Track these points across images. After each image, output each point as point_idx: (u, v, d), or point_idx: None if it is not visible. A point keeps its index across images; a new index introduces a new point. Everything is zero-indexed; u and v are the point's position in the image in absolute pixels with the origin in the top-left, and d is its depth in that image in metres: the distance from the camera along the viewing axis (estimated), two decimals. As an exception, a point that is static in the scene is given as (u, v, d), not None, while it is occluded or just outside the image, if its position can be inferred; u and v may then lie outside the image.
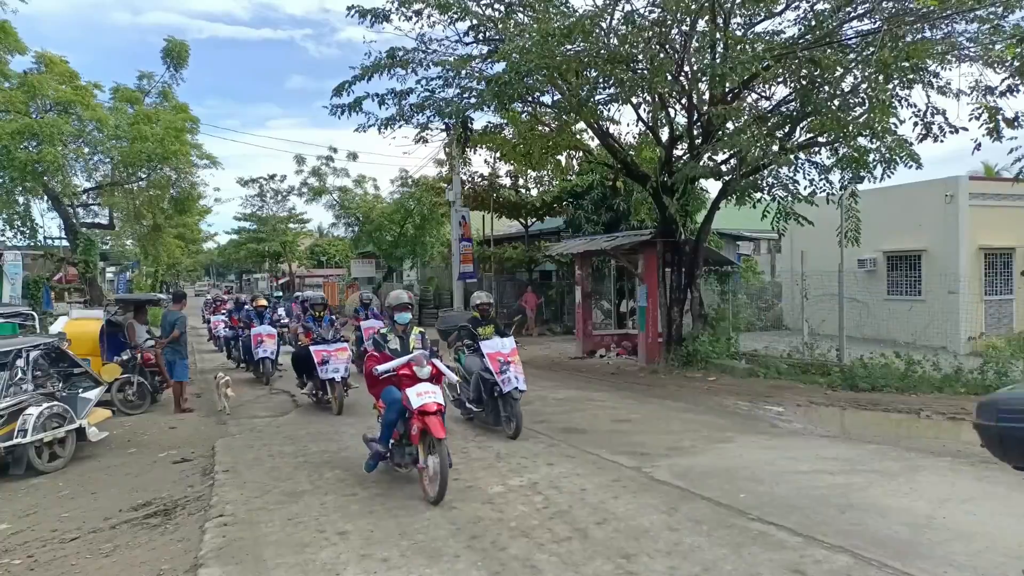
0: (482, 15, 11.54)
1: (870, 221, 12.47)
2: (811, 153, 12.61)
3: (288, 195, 40.54)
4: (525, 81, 10.91)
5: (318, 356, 9.88)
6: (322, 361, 9.86)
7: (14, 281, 16.61)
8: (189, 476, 6.97)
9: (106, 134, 16.33)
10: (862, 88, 10.45)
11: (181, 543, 5.03)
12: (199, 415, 10.36)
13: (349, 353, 10.41)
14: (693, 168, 11.57)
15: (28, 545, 5.25)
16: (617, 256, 15.24)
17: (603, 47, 10.42)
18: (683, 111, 12.95)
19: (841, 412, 9.54)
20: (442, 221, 27.19)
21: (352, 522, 5.23)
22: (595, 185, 19.62)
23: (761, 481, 5.97)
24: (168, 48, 18.23)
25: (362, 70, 12.04)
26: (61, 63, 17.22)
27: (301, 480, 6.45)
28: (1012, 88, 9.65)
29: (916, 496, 5.52)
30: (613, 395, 11.06)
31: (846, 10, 10.23)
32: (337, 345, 10.08)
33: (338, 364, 9.87)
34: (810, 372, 11.53)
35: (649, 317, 14.06)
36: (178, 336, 10.26)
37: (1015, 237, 15.26)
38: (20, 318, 11.06)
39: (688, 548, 4.51)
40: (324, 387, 10.15)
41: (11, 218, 16.34)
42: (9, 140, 14.30)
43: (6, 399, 7.15)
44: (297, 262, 49.70)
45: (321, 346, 10.02)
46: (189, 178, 20.16)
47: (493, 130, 14.79)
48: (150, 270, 34.63)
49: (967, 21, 10.02)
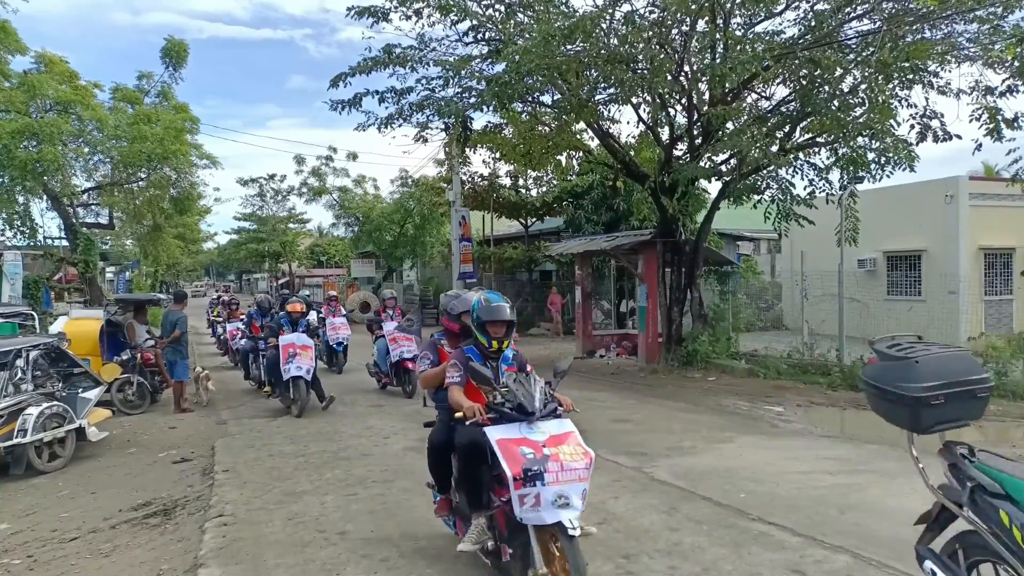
0: (482, 15, 11.54)
1: (870, 221, 12.48)
2: (810, 154, 12.62)
3: (288, 195, 40.55)
4: (525, 81, 10.91)
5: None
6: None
7: (14, 281, 16.59)
8: (189, 476, 6.97)
9: (106, 134, 16.33)
10: (862, 88, 10.45)
11: (181, 543, 5.03)
12: (199, 415, 10.36)
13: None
14: (692, 168, 11.57)
15: (28, 545, 5.25)
16: (617, 256, 15.24)
17: (603, 47, 10.42)
18: (683, 111, 12.95)
19: (841, 412, 9.53)
20: (442, 221, 27.17)
21: (352, 522, 5.23)
22: (595, 185, 19.61)
23: (761, 481, 5.97)
24: (167, 48, 18.22)
25: (360, 64, 12.02)
26: (61, 63, 17.21)
27: (301, 480, 6.45)
28: (1012, 88, 9.65)
29: (916, 496, 5.49)
30: (613, 395, 11.06)
31: (846, 10, 10.22)
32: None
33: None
34: (810, 372, 11.53)
35: (649, 317, 14.06)
36: (179, 336, 10.26)
37: (1015, 237, 15.26)
38: (20, 318, 11.06)
39: (688, 548, 4.51)
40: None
41: (11, 218, 16.32)
42: (9, 140, 14.29)
43: (6, 399, 7.15)
44: (297, 262, 49.67)
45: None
46: (189, 178, 20.16)
47: (493, 130, 14.78)
48: (150, 270, 34.60)
49: (967, 21, 10.02)
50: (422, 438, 8.03)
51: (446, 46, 12.33)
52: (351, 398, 11.05)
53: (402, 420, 9.25)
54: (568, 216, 21.33)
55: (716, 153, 12.13)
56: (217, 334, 19.22)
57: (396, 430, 8.69)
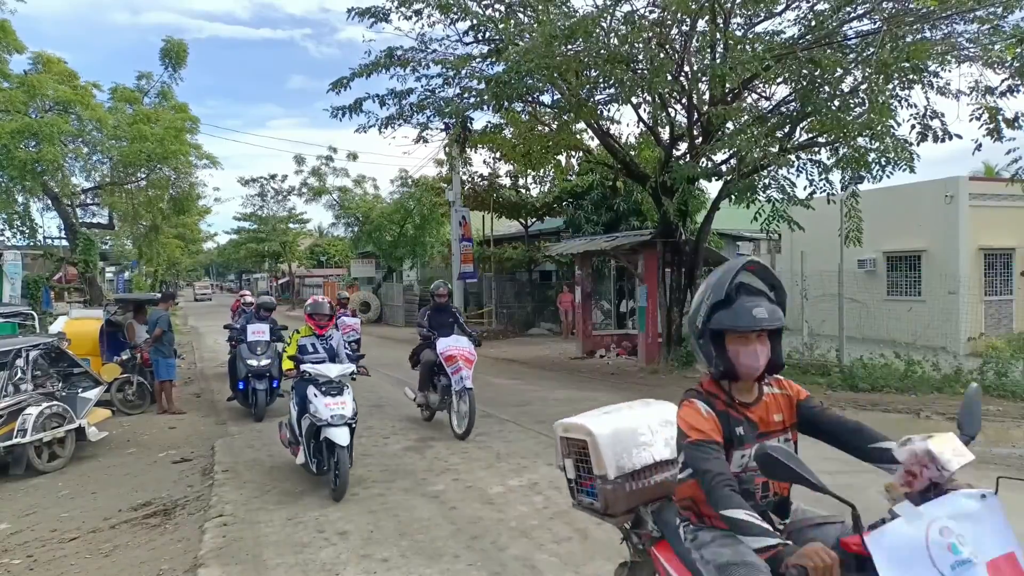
0: (482, 15, 11.54)
1: (870, 221, 12.46)
2: (811, 153, 12.61)
3: (288, 195, 40.62)
4: (525, 81, 10.90)
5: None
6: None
7: (14, 281, 16.57)
8: (189, 476, 6.97)
9: (106, 134, 16.31)
10: (862, 88, 10.44)
11: (181, 543, 5.03)
12: (199, 415, 10.35)
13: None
14: (691, 168, 11.57)
15: (28, 545, 5.25)
16: (617, 256, 15.23)
17: (603, 47, 10.42)
18: (683, 111, 12.95)
19: (841, 412, 9.52)
20: (442, 221, 27.19)
21: (352, 522, 5.22)
22: (595, 185, 19.60)
23: (761, 481, 5.96)
24: (166, 48, 18.20)
25: (361, 68, 12.03)
26: (59, 63, 17.19)
27: (301, 480, 6.45)
28: (1012, 88, 9.64)
29: (916, 496, 5.51)
30: (613, 395, 11.02)
31: (846, 10, 10.22)
32: None
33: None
34: (810, 372, 11.52)
35: (649, 317, 14.06)
36: (161, 335, 10.20)
37: (1015, 237, 15.25)
38: (20, 318, 11.06)
39: (688, 548, 4.51)
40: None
41: (11, 218, 16.30)
42: (9, 140, 14.28)
43: (6, 399, 7.15)
44: (297, 262, 49.71)
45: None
46: (188, 178, 20.14)
47: (493, 130, 14.77)
48: (150, 270, 34.61)
49: (967, 22, 10.01)
50: (422, 438, 8.09)
51: (446, 46, 12.35)
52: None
53: (402, 420, 9.26)
54: (568, 216, 21.32)
55: (716, 152, 12.13)
56: None
57: (396, 430, 8.70)
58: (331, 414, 5.75)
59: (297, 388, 6.35)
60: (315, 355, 6.47)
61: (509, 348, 18.43)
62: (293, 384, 6.52)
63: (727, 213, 15.57)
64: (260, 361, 9.73)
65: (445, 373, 8.15)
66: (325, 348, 6.60)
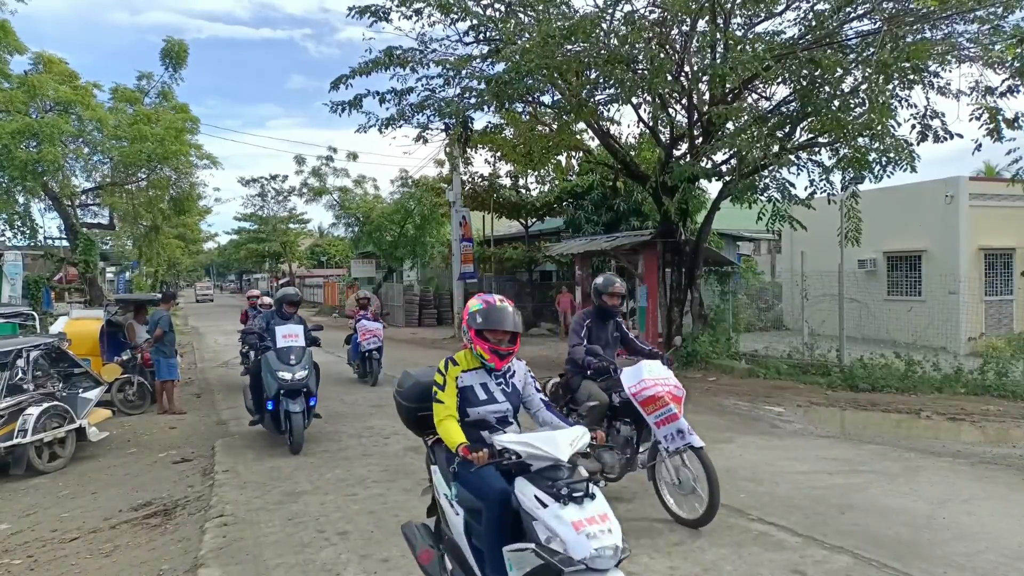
0: (482, 15, 11.55)
1: (870, 221, 12.46)
2: (812, 153, 12.60)
3: (289, 195, 40.65)
4: (525, 81, 10.91)
5: None
6: None
7: (14, 281, 16.60)
8: (189, 476, 6.97)
9: (106, 134, 16.31)
10: (862, 88, 10.44)
11: (181, 543, 5.03)
12: (199, 415, 10.36)
13: None
14: (690, 168, 11.57)
15: (28, 545, 5.25)
16: (617, 256, 15.23)
17: (603, 47, 10.42)
18: (683, 111, 12.95)
19: (841, 412, 9.53)
20: (442, 221, 27.19)
21: (352, 522, 5.23)
22: (595, 185, 19.61)
23: (761, 481, 5.97)
24: (166, 48, 18.20)
25: (361, 66, 12.03)
26: (60, 63, 17.20)
27: (301, 480, 6.45)
28: (1012, 88, 9.64)
29: (916, 496, 5.52)
30: (613, 395, 11.05)
31: (846, 10, 10.23)
32: None
33: None
34: (810, 372, 11.53)
35: (649, 317, 14.06)
36: (161, 335, 10.21)
37: (1015, 237, 15.25)
38: (20, 318, 11.06)
39: (688, 548, 4.51)
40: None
41: (11, 218, 16.30)
42: (9, 140, 14.29)
43: (6, 399, 7.16)
44: (297, 262, 49.76)
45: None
46: (189, 179, 20.14)
47: (493, 130, 14.78)
48: (150, 270, 34.62)
49: (967, 22, 10.02)
50: (422, 438, 8.06)
51: (446, 46, 12.35)
52: (351, 399, 11.06)
53: (402, 420, 9.25)
54: (568, 216, 21.33)
55: (716, 152, 12.13)
56: None
57: (396, 430, 8.69)
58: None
59: None
60: (491, 404, 3.45)
61: (509, 348, 18.38)
62: None
63: (727, 213, 15.57)
64: (295, 374, 7.49)
65: (628, 419, 5.32)
66: (507, 393, 3.51)
